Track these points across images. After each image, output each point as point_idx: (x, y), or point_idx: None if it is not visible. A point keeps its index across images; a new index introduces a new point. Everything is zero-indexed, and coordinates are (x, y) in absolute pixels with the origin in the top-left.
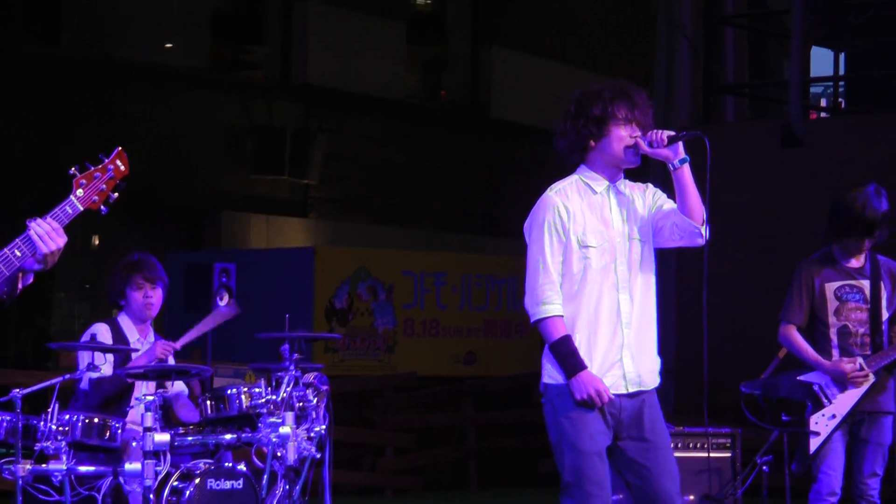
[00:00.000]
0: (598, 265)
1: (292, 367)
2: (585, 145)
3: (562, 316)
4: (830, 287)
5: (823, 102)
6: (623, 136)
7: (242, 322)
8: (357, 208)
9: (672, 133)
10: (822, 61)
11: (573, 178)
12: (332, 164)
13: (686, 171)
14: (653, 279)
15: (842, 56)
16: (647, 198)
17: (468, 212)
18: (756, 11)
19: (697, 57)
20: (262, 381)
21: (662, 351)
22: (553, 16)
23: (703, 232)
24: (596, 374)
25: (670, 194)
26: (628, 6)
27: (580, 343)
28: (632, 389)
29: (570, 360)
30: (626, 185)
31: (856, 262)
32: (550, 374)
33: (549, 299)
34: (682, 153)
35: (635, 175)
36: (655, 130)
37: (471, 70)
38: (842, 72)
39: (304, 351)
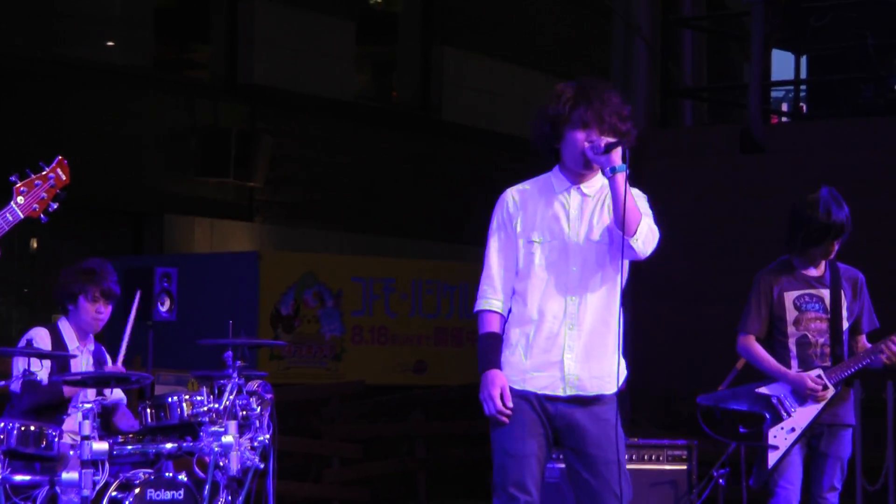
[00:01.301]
0: (544, 262)
1: (235, 375)
2: (551, 146)
3: (495, 312)
4: (789, 296)
5: (785, 107)
6: (578, 140)
7: (185, 328)
8: (304, 212)
9: (610, 140)
10: (783, 65)
11: (544, 175)
12: (279, 166)
13: (618, 180)
14: (615, 285)
15: (803, 59)
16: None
17: (419, 217)
18: (715, 13)
19: (655, 59)
20: (205, 389)
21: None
22: (506, 16)
23: (635, 245)
24: (528, 370)
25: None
26: (584, 7)
27: (519, 338)
28: (570, 392)
29: (484, 357)
30: (594, 188)
31: (815, 271)
32: None
33: (483, 294)
34: (616, 161)
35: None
36: (600, 137)
37: (422, 71)
38: (803, 75)
39: (248, 358)
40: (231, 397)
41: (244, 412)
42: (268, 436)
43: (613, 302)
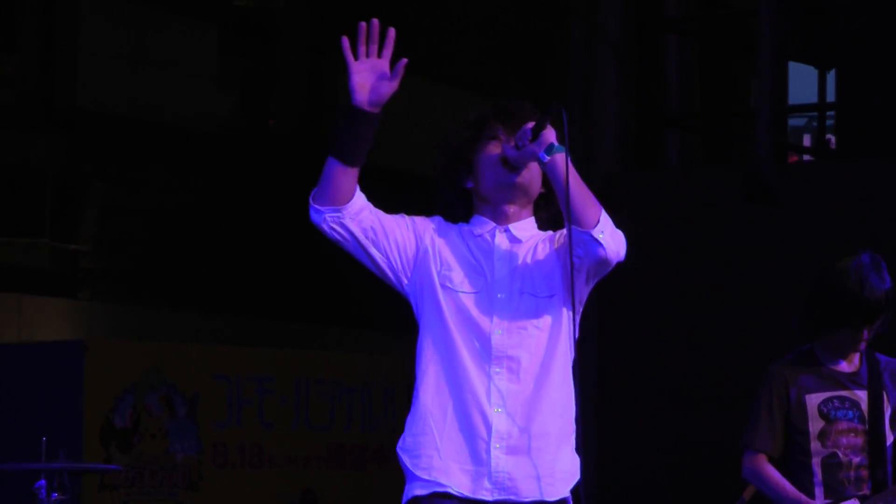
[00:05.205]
0: (462, 318)
1: None
2: (463, 190)
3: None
4: (812, 400)
5: (806, 140)
6: (495, 153)
7: None
8: (146, 285)
9: (531, 124)
10: (803, 83)
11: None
12: (113, 222)
13: (557, 161)
14: (560, 353)
15: (830, 76)
16: (557, 238)
17: (307, 291)
18: (711, 13)
19: (628, 76)
20: None
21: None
22: (423, 18)
23: (602, 239)
24: (444, 458)
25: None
26: (529, 5)
27: (431, 411)
28: (497, 497)
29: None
30: (526, 233)
31: (847, 366)
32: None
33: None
34: (550, 138)
35: None
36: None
37: (310, 90)
38: (830, 97)
39: (69, 489)
40: None
41: None
42: None
43: (557, 374)
